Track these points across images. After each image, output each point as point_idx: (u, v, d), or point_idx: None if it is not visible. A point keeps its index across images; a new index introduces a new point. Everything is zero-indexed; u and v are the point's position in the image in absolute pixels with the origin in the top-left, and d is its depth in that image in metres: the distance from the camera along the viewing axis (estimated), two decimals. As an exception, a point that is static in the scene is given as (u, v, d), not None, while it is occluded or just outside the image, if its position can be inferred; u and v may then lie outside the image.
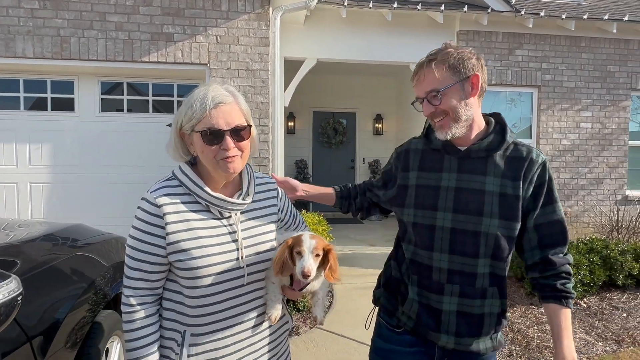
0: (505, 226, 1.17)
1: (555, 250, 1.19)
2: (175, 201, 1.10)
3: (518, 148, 1.23)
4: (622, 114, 6.20)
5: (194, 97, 1.09)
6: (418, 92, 1.23)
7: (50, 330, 1.46)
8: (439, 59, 1.18)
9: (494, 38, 5.80)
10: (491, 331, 1.23)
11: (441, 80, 1.16)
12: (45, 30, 4.16)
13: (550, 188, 1.21)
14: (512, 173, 1.19)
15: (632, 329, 3.45)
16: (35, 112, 4.49)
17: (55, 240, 2.00)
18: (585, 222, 6.14)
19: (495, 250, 1.18)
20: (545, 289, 1.20)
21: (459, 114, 1.18)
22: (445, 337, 1.21)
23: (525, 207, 1.19)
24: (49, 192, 4.52)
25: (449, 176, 1.23)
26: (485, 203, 1.17)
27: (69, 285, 1.70)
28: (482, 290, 1.19)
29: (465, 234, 1.18)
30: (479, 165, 1.21)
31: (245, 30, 4.46)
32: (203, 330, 1.11)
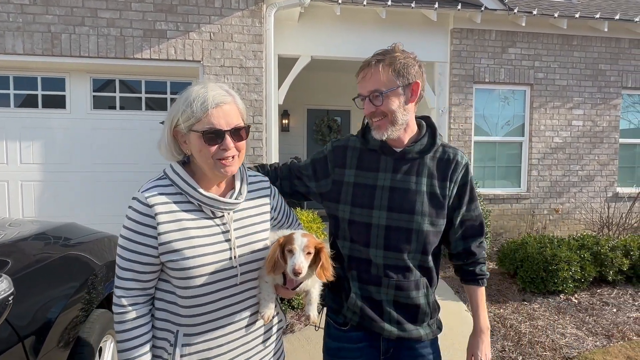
0: (434, 223, 1.28)
1: (475, 240, 1.37)
2: (167, 201, 1.09)
3: (445, 150, 1.33)
4: (613, 112, 6.27)
5: (192, 95, 1.08)
6: (361, 89, 1.26)
7: (43, 330, 1.45)
8: (387, 62, 1.23)
9: (487, 36, 5.83)
10: (427, 318, 1.35)
11: (385, 82, 1.22)
12: (36, 27, 4.10)
13: (472, 187, 1.35)
14: (441, 174, 1.30)
15: (622, 324, 3.51)
16: (26, 110, 4.44)
17: (47, 239, 1.98)
18: (577, 218, 6.22)
19: (424, 245, 1.28)
20: (467, 274, 1.40)
21: (397, 117, 1.24)
22: (389, 327, 1.30)
23: (450, 205, 1.31)
24: (40, 191, 4.47)
25: (384, 176, 1.29)
26: (417, 202, 1.27)
27: (61, 285, 1.69)
28: (415, 282, 1.30)
29: (398, 231, 1.26)
30: (412, 166, 1.29)
31: (239, 28, 4.43)
32: (196, 330, 1.11)
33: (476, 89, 5.93)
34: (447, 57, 5.81)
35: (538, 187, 6.13)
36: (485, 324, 1.39)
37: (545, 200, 6.15)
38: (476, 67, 5.82)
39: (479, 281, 1.38)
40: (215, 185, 1.16)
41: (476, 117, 5.99)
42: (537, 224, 6.05)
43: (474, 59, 5.81)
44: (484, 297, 1.41)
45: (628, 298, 4.07)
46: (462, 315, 3.56)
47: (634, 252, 4.31)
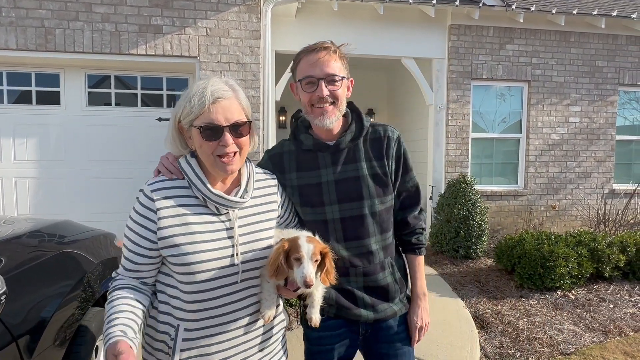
0: (383, 201, 1.34)
1: (412, 211, 1.42)
2: (172, 195, 1.10)
3: (376, 129, 1.38)
4: (609, 109, 6.29)
5: (193, 90, 1.07)
6: (316, 71, 1.25)
7: (37, 329, 1.43)
8: (340, 54, 1.30)
9: (485, 32, 5.82)
10: (398, 294, 1.41)
11: (341, 70, 1.29)
12: (29, 21, 4.04)
13: (406, 159, 1.40)
14: (377, 153, 1.35)
15: (619, 319, 3.52)
16: (20, 106, 4.38)
17: (42, 237, 1.95)
18: (573, 215, 6.24)
19: (381, 224, 1.35)
20: (405, 243, 1.45)
21: (342, 105, 1.31)
22: (365, 312, 1.36)
23: (391, 179, 1.37)
24: (34, 188, 4.42)
25: (326, 172, 1.32)
26: (363, 187, 1.31)
27: (56, 283, 1.66)
28: (380, 264, 1.35)
29: (354, 220, 1.31)
30: (349, 155, 1.33)
31: (236, 23, 4.39)
32: (197, 326, 1.10)
33: (474, 86, 5.92)
34: (445, 54, 5.79)
35: (535, 184, 6.14)
36: (422, 290, 1.44)
37: (542, 197, 6.16)
38: (474, 64, 5.80)
39: (416, 250, 1.43)
40: (220, 182, 1.16)
41: (474, 113, 5.98)
42: (534, 221, 6.06)
43: (472, 56, 5.79)
44: (422, 265, 1.46)
45: (625, 294, 4.08)
46: (460, 312, 3.56)
47: (630, 248, 4.33)
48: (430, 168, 6.01)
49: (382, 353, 1.41)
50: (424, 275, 1.46)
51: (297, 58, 1.32)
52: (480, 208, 5.10)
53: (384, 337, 1.40)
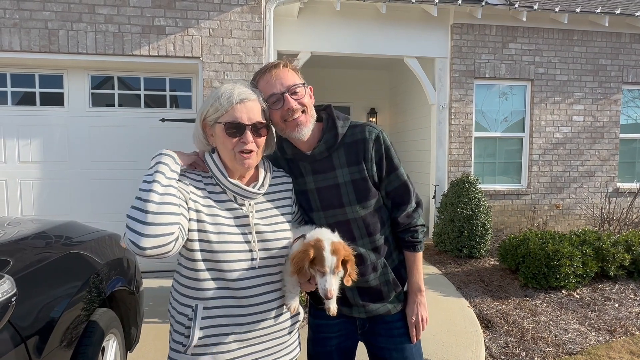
0: (366, 206, 1.35)
1: (403, 208, 1.40)
2: (199, 179, 1.21)
3: (353, 132, 1.36)
4: (613, 107, 6.26)
5: (221, 91, 1.18)
6: (276, 88, 1.26)
7: (45, 330, 1.43)
8: (292, 67, 1.32)
9: (487, 31, 5.80)
10: (392, 293, 1.42)
11: (297, 78, 1.29)
12: (33, 23, 4.05)
13: (390, 157, 1.37)
14: (355, 158, 1.34)
15: (624, 319, 3.51)
16: (24, 107, 4.39)
17: (48, 238, 1.95)
18: (577, 214, 6.22)
19: (366, 228, 1.36)
20: (401, 240, 1.45)
21: (313, 111, 1.32)
22: (357, 310, 1.41)
23: (375, 181, 1.36)
24: (39, 189, 4.44)
25: (309, 179, 1.36)
26: (342, 194, 1.33)
27: (63, 284, 1.67)
28: (372, 266, 1.38)
29: (339, 225, 1.33)
30: (326, 163, 1.35)
31: (239, 23, 4.39)
32: (216, 304, 1.15)
33: (476, 85, 5.91)
34: (448, 53, 5.78)
35: (539, 183, 6.12)
36: (417, 286, 1.45)
37: (546, 196, 6.14)
38: (477, 63, 5.79)
39: (411, 247, 1.44)
40: (240, 178, 1.24)
41: (476, 112, 5.97)
42: (537, 220, 6.04)
43: (475, 55, 5.78)
44: (419, 262, 1.46)
45: (630, 293, 4.07)
46: (464, 311, 3.56)
47: (635, 247, 4.31)
48: (433, 167, 6.00)
49: (382, 347, 1.45)
50: (422, 271, 1.47)
51: (255, 84, 1.32)
52: (483, 207, 5.09)
53: (382, 331, 1.44)
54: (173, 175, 1.09)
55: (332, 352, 1.47)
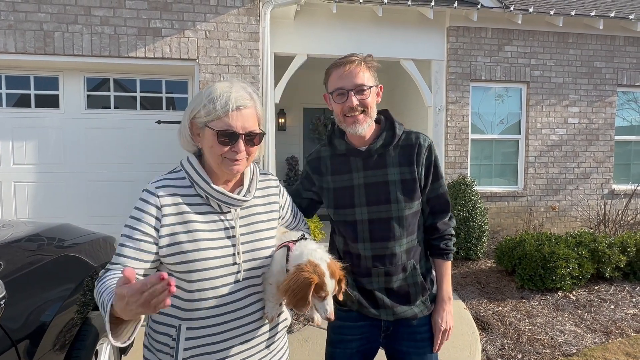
0: (410, 206, 1.38)
1: (442, 216, 1.45)
2: (175, 193, 1.11)
3: (408, 137, 1.43)
4: (608, 110, 6.30)
5: (217, 92, 1.09)
6: (344, 83, 1.33)
7: (37, 334, 1.42)
8: (368, 64, 1.36)
9: (483, 34, 5.83)
10: (419, 297, 1.43)
11: (368, 79, 1.35)
12: (28, 25, 4.03)
13: (436, 166, 1.43)
14: (407, 160, 1.39)
15: (620, 320, 3.52)
16: (19, 109, 4.37)
17: (41, 240, 1.94)
18: (573, 216, 6.24)
19: (406, 228, 1.39)
20: (433, 248, 1.48)
21: (373, 112, 1.38)
22: (384, 312, 1.41)
23: (420, 185, 1.41)
24: (33, 191, 4.41)
25: (357, 175, 1.40)
26: (391, 192, 1.37)
27: (55, 287, 1.66)
28: (402, 266, 1.40)
29: (380, 222, 1.37)
30: (379, 160, 1.40)
31: (235, 25, 4.39)
32: (199, 324, 1.10)
33: (473, 87, 5.93)
34: (444, 55, 5.80)
35: (535, 185, 6.14)
36: (447, 294, 1.47)
37: (542, 198, 6.16)
38: (472, 65, 5.81)
39: (444, 255, 1.47)
40: (224, 182, 1.17)
41: (473, 115, 5.99)
42: (534, 222, 6.06)
43: (471, 57, 5.81)
44: (449, 271, 1.49)
45: (625, 294, 4.08)
46: (460, 313, 3.56)
47: (630, 248, 4.33)
48: (429, 169, 6.00)
49: (404, 351, 1.44)
50: (450, 280, 1.50)
51: (328, 72, 1.40)
52: (480, 209, 5.10)
53: (406, 336, 1.44)
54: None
55: (352, 354, 1.46)
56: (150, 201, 1.08)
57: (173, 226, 1.08)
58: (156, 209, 1.08)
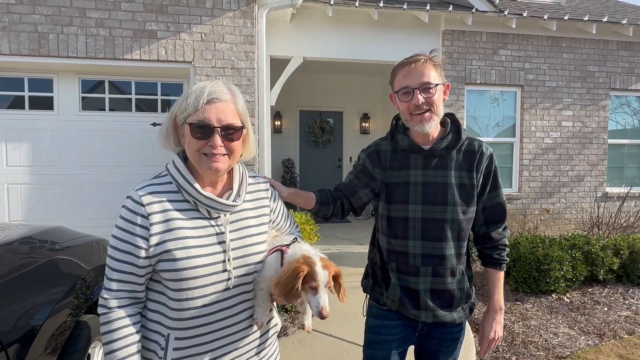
0: (465, 211, 1.38)
1: (497, 226, 1.46)
2: (162, 199, 1.06)
3: (471, 143, 1.43)
4: (601, 113, 6.35)
5: (193, 88, 1.08)
6: (410, 82, 1.33)
7: (27, 337, 1.40)
8: (433, 62, 1.36)
9: (478, 38, 5.87)
10: (462, 303, 1.44)
11: (434, 77, 1.34)
12: (22, 26, 4.02)
13: (496, 176, 1.43)
14: (467, 165, 1.40)
15: (613, 322, 3.54)
16: (12, 111, 4.34)
17: (33, 243, 1.93)
18: (567, 218, 6.28)
19: (459, 232, 1.39)
20: (486, 257, 1.49)
21: (440, 110, 1.37)
22: (425, 314, 1.41)
23: (477, 192, 1.41)
24: (27, 194, 4.38)
25: (415, 173, 1.40)
26: (449, 194, 1.37)
27: (47, 290, 1.64)
28: (451, 269, 1.39)
29: (434, 222, 1.37)
30: (440, 161, 1.39)
31: (231, 28, 4.40)
32: (188, 334, 1.07)
33: (468, 90, 5.97)
34: (439, 59, 5.83)
35: (529, 188, 6.18)
36: (499, 304, 1.46)
37: (536, 201, 6.20)
38: (467, 69, 5.85)
39: (497, 265, 1.46)
40: (211, 185, 1.13)
41: (468, 118, 6.02)
42: (528, 224, 6.09)
43: (466, 61, 5.84)
44: (501, 281, 1.47)
45: (619, 297, 4.11)
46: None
47: (623, 251, 4.36)
48: (425, 172, 6.02)
49: (432, 349, 1.48)
50: (502, 290, 1.49)
51: (394, 72, 1.40)
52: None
53: (438, 335, 1.46)
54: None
55: (390, 355, 1.46)
56: (136, 210, 1.04)
57: (161, 234, 1.04)
58: (142, 218, 1.04)
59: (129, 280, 1.04)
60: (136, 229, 1.03)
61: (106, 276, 1.06)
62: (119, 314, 1.03)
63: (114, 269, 1.04)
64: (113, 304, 1.03)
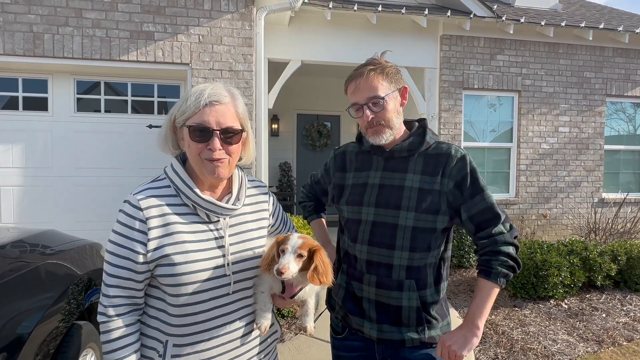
0: (424, 219, 1.24)
1: (488, 230, 1.24)
2: (160, 203, 1.04)
3: (439, 146, 1.32)
4: (598, 119, 6.38)
5: (193, 90, 1.07)
6: (357, 98, 1.28)
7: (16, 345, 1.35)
8: (379, 70, 1.27)
9: (476, 43, 5.89)
10: (414, 324, 1.27)
11: (382, 88, 1.26)
12: (17, 26, 3.97)
13: (475, 179, 1.26)
14: (431, 169, 1.28)
15: (612, 329, 3.52)
16: (6, 112, 4.28)
17: (24, 247, 1.87)
18: (564, 224, 6.28)
19: (412, 242, 1.25)
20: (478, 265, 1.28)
21: (394, 122, 1.29)
22: (368, 325, 1.30)
23: (452, 201, 1.26)
24: (20, 196, 4.30)
25: (375, 174, 1.35)
26: (404, 198, 1.27)
27: (37, 295, 1.59)
28: (398, 282, 1.26)
29: (384, 227, 1.27)
30: (401, 163, 1.32)
31: (229, 30, 4.37)
32: (186, 341, 1.05)
33: (465, 95, 5.97)
34: (437, 63, 5.84)
35: (526, 193, 6.18)
36: (471, 319, 1.21)
37: (533, 206, 6.20)
38: (465, 74, 5.86)
39: (483, 272, 1.23)
40: (211, 189, 1.12)
41: (465, 123, 6.02)
42: (525, 230, 6.09)
43: (463, 66, 5.86)
44: (485, 293, 1.22)
45: (616, 303, 4.09)
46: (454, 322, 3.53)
47: (621, 257, 4.35)
48: (422, 177, 6.01)
49: None
50: (485, 305, 1.22)
51: (345, 85, 1.34)
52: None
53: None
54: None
55: None
56: (134, 215, 1.02)
57: (160, 239, 1.02)
58: (140, 223, 1.02)
59: (127, 287, 1.03)
60: (134, 233, 1.01)
61: (104, 282, 1.04)
62: (118, 323, 1.02)
63: (111, 275, 1.02)
64: (112, 313, 1.02)
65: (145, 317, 1.09)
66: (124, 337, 1.02)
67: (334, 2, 5.06)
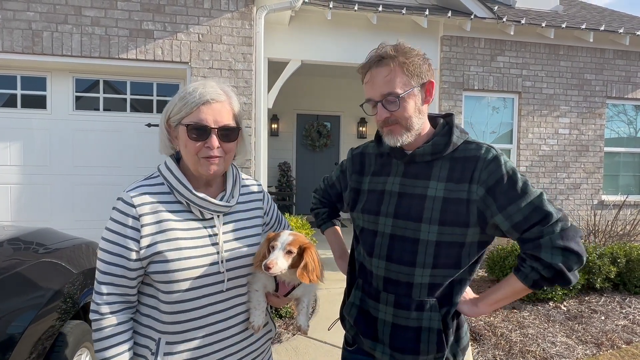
0: (449, 232, 1.08)
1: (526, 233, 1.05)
2: (153, 201, 1.05)
3: (467, 147, 1.14)
4: (598, 121, 6.37)
5: (188, 89, 1.07)
6: (372, 93, 1.11)
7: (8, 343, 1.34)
8: (400, 60, 1.08)
9: (476, 44, 5.88)
10: (433, 350, 1.12)
11: (399, 84, 1.08)
12: (16, 24, 3.95)
13: (512, 182, 1.06)
14: (458, 175, 1.10)
15: (611, 332, 3.51)
16: (4, 109, 4.26)
17: (19, 245, 1.86)
18: (564, 226, 6.26)
19: (436, 259, 1.09)
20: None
21: (413, 122, 1.11)
22: (381, 349, 1.16)
23: (484, 210, 1.07)
24: (17, 194, 4.29)
25: (393, 180, 1.18)
26: (425, 209, 1.10)
27: (31, 294, 1.58)
28: (419, 302, 1.11)
29: (403, 241, 1.12)
30: (423, 169, 1.14)
31: (229, 29, 4.36)
32: (179, 339, 1.05)
33: (465, 96, 5.96)
34: (437, 64, 5.83)
35: (526, 195, 6.16)
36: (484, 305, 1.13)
37: (533, 208, 6.18)
38: (465, 75, 5.85)
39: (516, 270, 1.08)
40: (204, 186, 1.12)
41: (465, 124, 6.01)
42: (525, 231, 6.07)
43: (464, 67, 5.84)
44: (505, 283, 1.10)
45: (615, 306, 4.08)
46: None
47: (620, 259, 4.34)
48: (422, 177, 5.99)
49: None
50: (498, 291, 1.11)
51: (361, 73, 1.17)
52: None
53: None
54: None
55: None
56: (127, 212, 1.02)
57: (153, 236, 1.02)
58: (133, 220, 1.02)
59: (120, 284, 1.03)
60: (127, 230, 1.02)
61: (97, 280, 1.03)
62: (111, 320, 1.02)
63: (104, 272, 1.02)
64: (105, 310, 1.01)
65: (138, 314, 1.08)
66: (116, 334, 1.01)
67: (335, 2, 5.05)
